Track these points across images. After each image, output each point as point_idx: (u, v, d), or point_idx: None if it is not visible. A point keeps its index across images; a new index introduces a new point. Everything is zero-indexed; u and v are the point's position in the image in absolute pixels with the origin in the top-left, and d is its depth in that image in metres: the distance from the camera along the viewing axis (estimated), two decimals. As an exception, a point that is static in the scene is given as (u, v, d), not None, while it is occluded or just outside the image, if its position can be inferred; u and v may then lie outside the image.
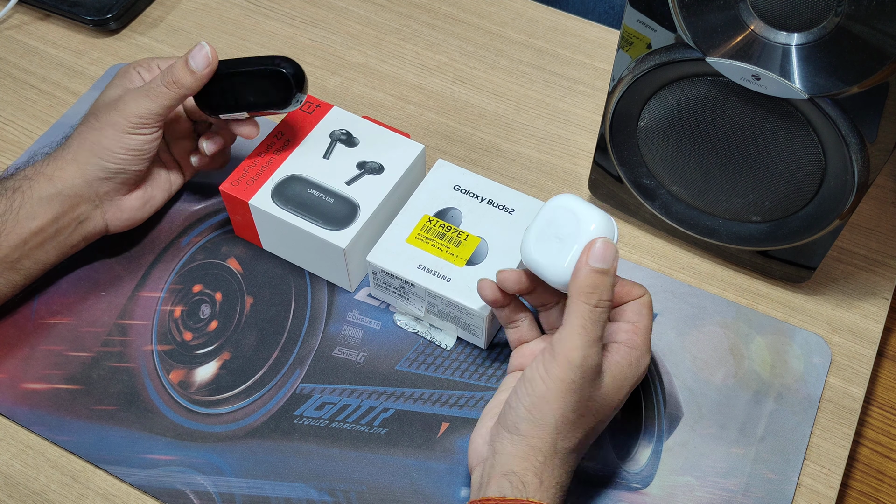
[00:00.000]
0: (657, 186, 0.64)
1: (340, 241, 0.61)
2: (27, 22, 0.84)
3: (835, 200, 0.56)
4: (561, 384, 0.48)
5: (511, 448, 0.49)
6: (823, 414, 0.60)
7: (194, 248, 0.67)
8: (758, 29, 0.51)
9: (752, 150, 0.57)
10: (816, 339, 0.63)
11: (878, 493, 0.66)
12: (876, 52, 0.47)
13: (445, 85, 0.79)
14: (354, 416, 0.60)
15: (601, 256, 0.49)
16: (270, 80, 0.60)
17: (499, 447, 0.50)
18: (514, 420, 0.49)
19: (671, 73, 0.56)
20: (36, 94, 0.78)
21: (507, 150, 0.74)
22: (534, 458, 0.49)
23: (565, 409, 0.48)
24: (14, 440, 0.59)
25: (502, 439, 0.50)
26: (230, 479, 0.57)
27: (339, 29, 0.83)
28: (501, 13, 0.84)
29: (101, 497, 0.57)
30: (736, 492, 0.57)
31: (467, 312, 0.59)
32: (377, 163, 0.65)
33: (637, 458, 0.58)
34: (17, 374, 0.61)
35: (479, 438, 0.53)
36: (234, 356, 0.62)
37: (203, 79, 0.60)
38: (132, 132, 0.59)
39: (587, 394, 0.49)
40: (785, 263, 0.64)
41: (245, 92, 0.60)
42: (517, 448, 0.49)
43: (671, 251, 0.68)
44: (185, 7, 0.85)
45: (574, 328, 0.48)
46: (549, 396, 0.48)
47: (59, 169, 0.60)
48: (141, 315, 0.64)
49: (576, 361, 0.48)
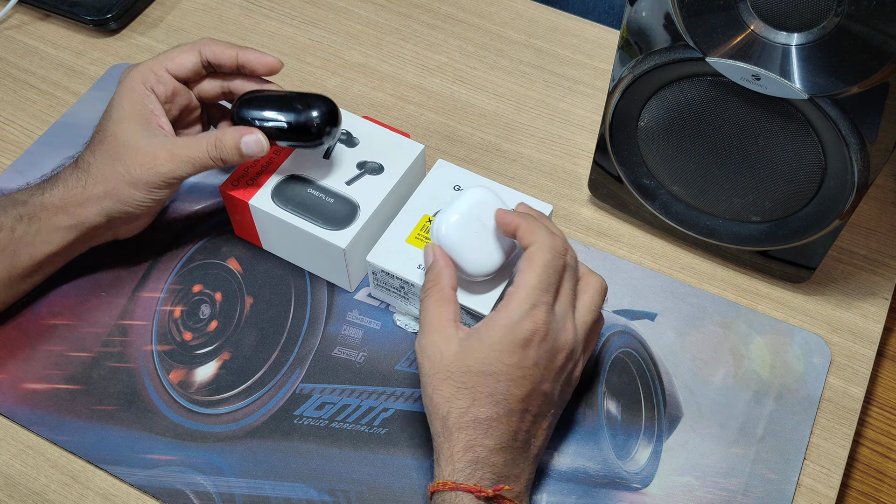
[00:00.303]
0: (657, 186, 0.64)
1: (340, 241, 0.61)
2: (27, 22, 0.84)
3: (835, 200, 0.56)
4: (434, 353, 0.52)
5: (434, 426, 0.52)
6: (823, 414, 0.60)
7: (194, 248, 0.67)
8: (758, 29, 0.51)
9: (752, 151, 0.57)
10: (816, 339, 0.63)
11: (878, 493, 0.66)
12: (876, 52, 0.47)
13: (445, 85, 0.79)
14: (354, 416, 0.60)
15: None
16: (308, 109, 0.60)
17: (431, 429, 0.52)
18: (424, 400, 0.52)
19: (671, 73, 0.56)
20: (36, 94, 0.78)
21: (507, 150, 0.74)
22: (439, 434, 0.51)
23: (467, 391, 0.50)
24: (14, 440, 0.59)
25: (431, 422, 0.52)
26: (230, 479, 0.57)
27: (339, 29, 0.83)
28: (501, 13, 0.84)
29: (101, 497, 0.57)
30: (736, 492, 0.57)
31: (467, 313, 0.59)
32: (377, 163, 0.65)
33: (637, 458, 0.58)
34: (17, 375, 0.61)
35: None
36: (234, 356, 0.62)
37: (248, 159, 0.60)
38: (163, 188, 0.59)
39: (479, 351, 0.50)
40: (785, 263, 0.64)
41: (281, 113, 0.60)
42: (435, 426, 0.51)
43: (671, 251, 0.68)
44: (185, 7, 0.85)
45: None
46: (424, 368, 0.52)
47: (79, 205, 0.58)
48: (141, 315, 0.64)
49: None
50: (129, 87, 0.59)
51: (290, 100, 0.60)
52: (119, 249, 0.67)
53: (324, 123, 0.59)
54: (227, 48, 0.61)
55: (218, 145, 0.58)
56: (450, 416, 0.49)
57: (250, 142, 0.59)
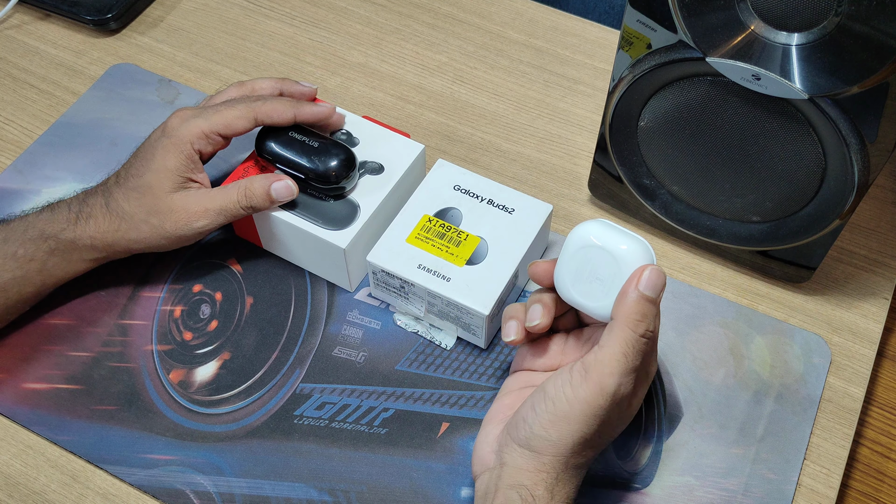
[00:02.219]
0: (657, 186, 0.64)
1: (340, 241, 0.61)
2: (27, 22, 0.84)
3: (835, 200, 0.56)
4: (587, 408, 0.46)
5: (522, 462, 0.48)
6: (823, 414, 0.60)
7: (194, 248, 0.67)
8: (758, 29, 0.51)
9: (752, 150, 0.57)
10: (816, 339, 0.63)
11: (878, 493, 0.66)
12: (876, 52, 0.47)
13: (445, 85, 0.79)
14: (354, 416, 0.60)
15: (652, 284, 0.47)
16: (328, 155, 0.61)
17: (508, 459, 0.49)
18: (528, 435, 0.48)
19: (671, 73, 0.56)
20: (36, 93, 0.78)
21: (507, 150, 0.74)
22: (546, 473, 0.47)
23: (585, 432, 0.47)
24: (14, 440, 0.59)
25: (512, 451, 0.49)
26: (230, 478, 0.57)
27: (339, 29, 0.83)
28: (501, 13, 0.84)
29: (101, 497, 0.57)
30: (736, 492, 0.57)
31: (467, 312, 0.59)
32: (377, 163, 0.65)
33: (637, 458, 0.58)
34: (17, 374, 0.61)
35: (486, 446, 0.51)
36: (234, 356, 0.62)
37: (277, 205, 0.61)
38: (193, 239, 0.61)
39: (611, 418, 0.48)
40: (785, 263, 0.64)
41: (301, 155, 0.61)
42: (528, 462, 0.48)
43: (671, 251, 0.68)
44: (185, 7, 0.85)
45: (614, 354, 0.46)
46: (572, 417, 0.47)
47: (110, 245, 0.60)
48: (141, 315, 0.64)
49: (609, 389, 0.46)
50: (177, 143, 0.59)
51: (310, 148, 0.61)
52: (119, 249, 0.67)
53: (341, 174, 0.61)
54: (285, 111, 0.61)
55: (248, 195, 0.60)
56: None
57: (280, 188, 0.60)
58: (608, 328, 0.48)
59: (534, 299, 0.53)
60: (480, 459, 0.51)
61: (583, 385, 0.47)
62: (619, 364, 0.46)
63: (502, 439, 0.50)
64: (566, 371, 0.48)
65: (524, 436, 0.48)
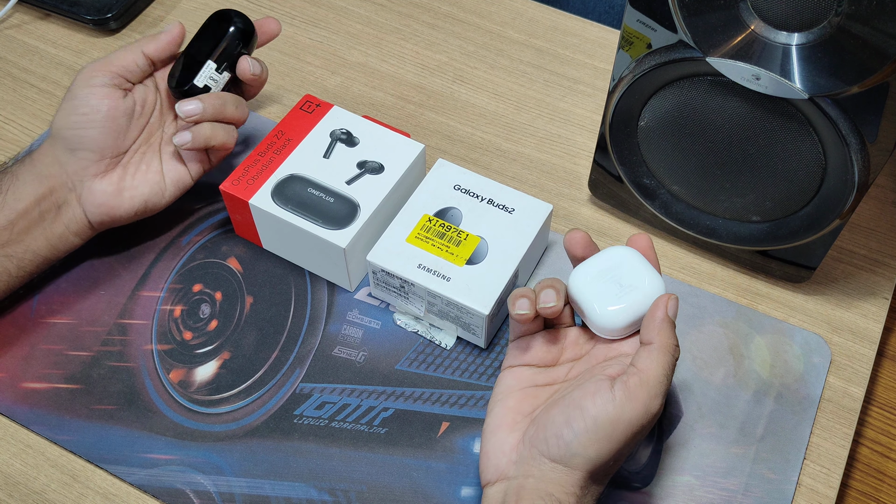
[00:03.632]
0: (657, 186, 0.64)
1: (340, 240, 0.61)
2: (27, 21, 0.84)
3: (835, 200, 0.56)
4: (629, 427, 0.48)
5: (554, 476, 0.48)
6: (823, 414, 0.60)
7: (194, 248, 0.67)
8: (758, 29, 0.51)
9: (752, 150, 0.57)
10: (816, 338, 0.63)
11: (878, 493, 0.66)
12: (876, 52, 0.47)
13: (445, 85, 0.79)
14: (354, 416, 0.60)
15: (674, 312, 0.51)
16: (217, 27, 0.64)
17: (536, 472, 0.49)
18: (565, 454, 0.48)
19: (671, 72, 0.56)
20: (36, 93, 0.78)
21: (507, 150, 0.74)
22: (577, 486, 0.48)
23: (623, 450, 0.49)
24: (14, 439, 0.59)
25: (542, 465, 0.49)
26: (230, 478, 0.57)
27: (339, 29, 0.83)
28: (501, 13, 0.84)
29: (101, 496, 0.57)
30: (736, 491, 0.57)
31: (467, 312, 0.59)
32: (377, 162, 0.65)
33: (637, 458, 0.58)
34: (16, 374, 0.61)
35: (501, 455, 0.51)
36: (234, 356, 0.62)
37: (166, 49, 0.63)
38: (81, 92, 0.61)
39: (643, 434, 0.50)
40: (785, 263, 0.64)
41: (204, 48, 0.64)
42: (561, 476, 0.48)
43: (671, 251, 0.68)
44: (185, 7, 0.85)
45: (658, 377, 0.49)
46: (615, 437, 0.48)
47: (39, 151, 0.61)
48: (141, 314, 0.64)
49: (653, 410, 0.48)
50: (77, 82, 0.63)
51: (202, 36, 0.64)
52: (119, 248, 0.67)
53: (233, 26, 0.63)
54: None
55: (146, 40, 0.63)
56: None
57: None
58: (647, 351, 0.49)
59: (545, 285, 0.53)
60: (496, 468, 0.51)
61: (627, 406, 0.48)
62: (661, 386, 0.49)
63: (525, 452, 0.50)
64: (605, 391, 0.49)
65: (560, 453, 0.49)
